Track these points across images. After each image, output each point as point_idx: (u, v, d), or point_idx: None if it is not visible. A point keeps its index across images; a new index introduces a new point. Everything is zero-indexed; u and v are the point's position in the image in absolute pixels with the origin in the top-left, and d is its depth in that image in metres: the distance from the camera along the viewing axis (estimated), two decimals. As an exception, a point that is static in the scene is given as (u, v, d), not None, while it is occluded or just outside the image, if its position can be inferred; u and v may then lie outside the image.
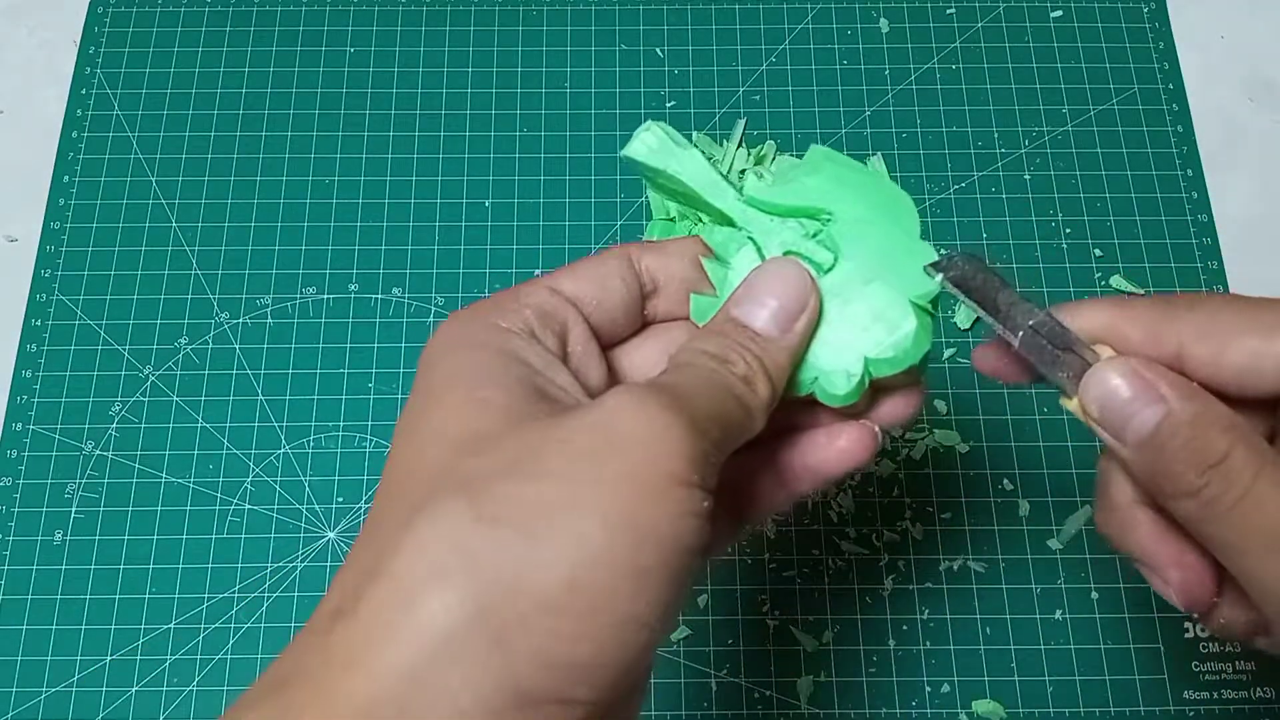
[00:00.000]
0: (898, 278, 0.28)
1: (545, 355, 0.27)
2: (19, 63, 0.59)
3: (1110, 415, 0.27)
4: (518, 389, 0.25)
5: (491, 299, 0.28)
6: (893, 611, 0.47)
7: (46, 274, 0.53)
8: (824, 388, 0.28)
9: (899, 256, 0.28)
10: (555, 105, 0.57)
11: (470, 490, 0.22)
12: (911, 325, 0.28)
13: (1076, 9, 0.59)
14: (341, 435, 0.50)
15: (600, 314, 0.29)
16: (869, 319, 0.28)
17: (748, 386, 0.26)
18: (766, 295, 0.28)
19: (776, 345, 0.27)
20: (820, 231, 0.29)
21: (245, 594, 0.47)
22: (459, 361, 0.26)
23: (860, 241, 0.29)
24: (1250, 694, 0.45)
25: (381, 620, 0.21)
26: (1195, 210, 0.54)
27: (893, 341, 0.28)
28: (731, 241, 0.30)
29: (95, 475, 0.49)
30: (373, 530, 0.24)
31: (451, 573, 0.21)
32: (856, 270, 0.29)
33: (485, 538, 0.22)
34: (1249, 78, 0.58)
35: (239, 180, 0.55)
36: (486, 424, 0.24)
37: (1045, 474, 0.49)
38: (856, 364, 0.28)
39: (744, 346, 0.27)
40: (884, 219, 0.29)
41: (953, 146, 0.55)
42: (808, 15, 0.59)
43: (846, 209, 0.29)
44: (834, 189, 0.29)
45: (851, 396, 0.28)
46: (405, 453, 0.25)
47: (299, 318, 0.52)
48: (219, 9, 0.59)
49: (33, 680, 0.45)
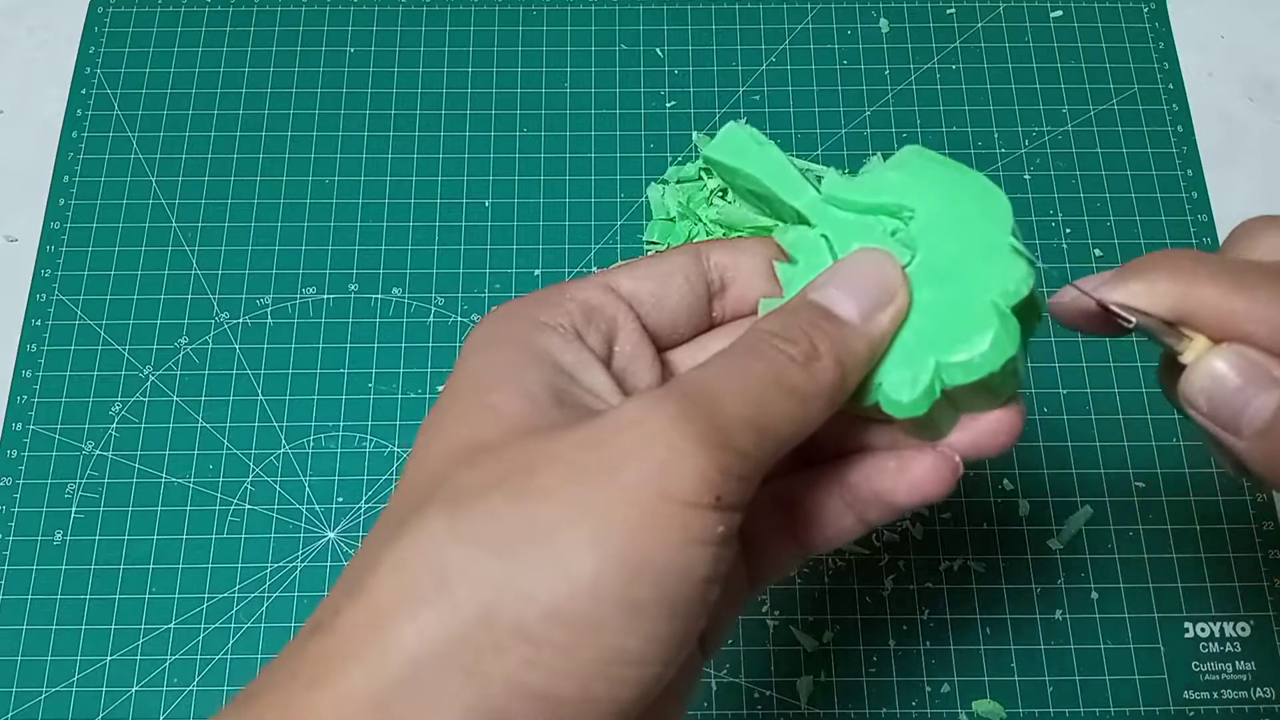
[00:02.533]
0: (982, 278, 0.25)
1: (581, 355, 0.25)
2: (19, 63, 0.59)
3: (1220, 407, 0.25)
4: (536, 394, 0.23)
5: (539, 292, 0.26)
6: (893, 611, 0.47)
7: (46, 274, 0.53)
8: (887, 394, 0.25)
9: (985, 256, 0.26)
10: (555, 105, 0.57)
11: (453, 506, 0.21)
12: (992, 329, 0.25)
13: (1076, 9, 0.59)
14: (341, 435, 0.50)
15: (659, 313, 0.27)
16: (945, 321, 0.25)
17: (803, 370, 0.23)
18: (850, 282, 0.25)
19: (855, 331, 0.24)
20: (899, 230, 0.27)
21: (245, 594, 0.47)
22: (484, 360, 0.24)
23: (944, 240, 0.26)
24: (1250, 694, 0.45)
25: (353, 640, 0.20)
26: (1195, 210, 0.54)
27: (969, 346, 0.25)
28: (804, 240, 0.28)
29: (95, 475, 0.49)
30: (367, 540, 0.23)
31: (426, 594, 0.20)
32: (936, 269, 0.26)
33: (463, 558, 0.20)
34: (1249, 78, 0.58)
35: (239, 180, 0.55)
36: (489, 433, 0.22)
37: (1045, 474, 0.49)
38: (926, 369, 0.25)
39: (814, 325, 0.24)
40: (973, 216, 0.26)
41: (953, 146, 0.55)
42: (808, 15, 0.59)
43: (931, 206, 0.27)
44: (919, 184, 0.27)
45: (919, 406, 0.25)
46: (415, 459, 0.24)
47: (299, 318, 0.52)
48: (219, 9, 0.59)
49: (33, 680, 0.45)
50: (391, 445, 0.49)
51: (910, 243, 0.26)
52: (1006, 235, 0.26)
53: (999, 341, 0.25)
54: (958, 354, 0.25)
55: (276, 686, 0.21)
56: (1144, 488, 0.48)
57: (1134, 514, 0.48)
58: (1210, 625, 0.46)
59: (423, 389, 0.50)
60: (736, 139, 0.29)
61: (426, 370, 0.51)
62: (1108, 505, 0.48)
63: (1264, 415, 0.24)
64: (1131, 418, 0.50)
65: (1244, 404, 0.24)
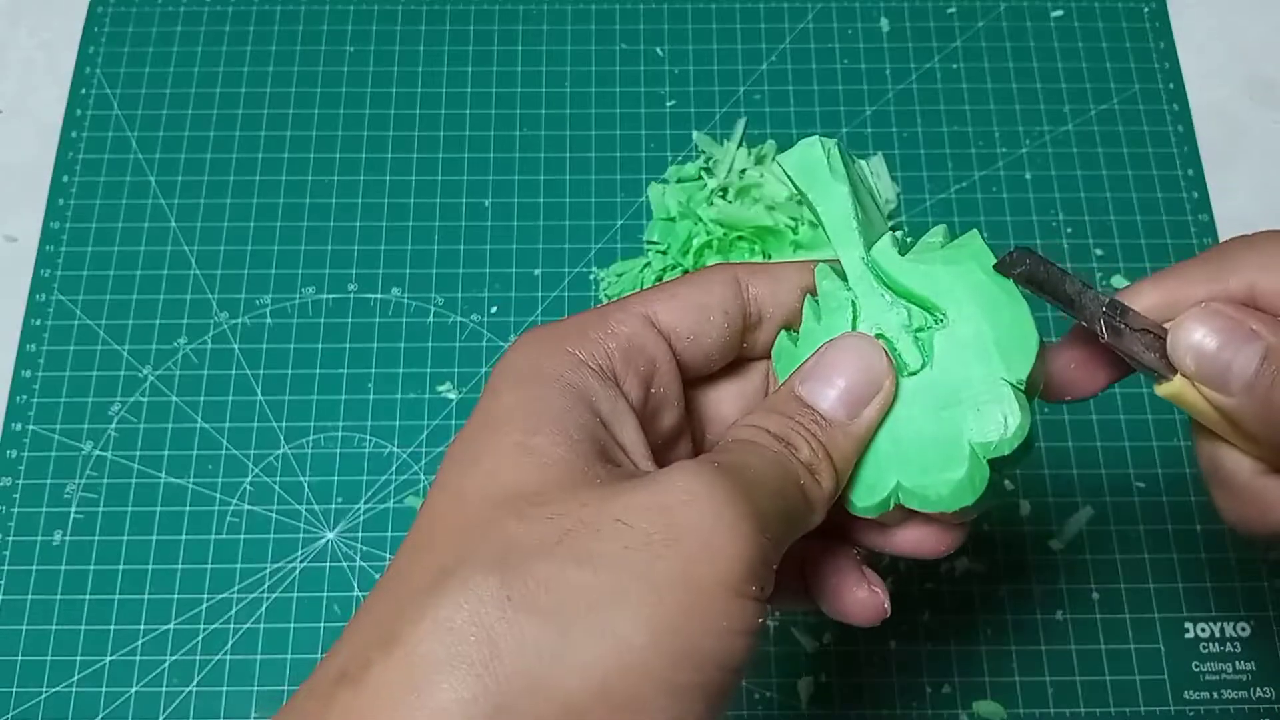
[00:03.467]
0: (974, 416, 0.25)
1: (617, 404, 0.24)
2: (19, 63, 0.59)
3: (1207, 366, 0.24)
4: (580, 442, 0.22)
5: (577, 319, 0.25)
6: (893, 611, 0.46)
7: (46, 274, 0.53)
8: (846, 494, 0.26)
9: (988, 395, 0.25)
10: (555, 105, 0.57)
11: (506, 566, 0.20)
12: (959, 474, 0.25)
13: (1077, 9, 0.59)
14: (341, 435, 0.50)
15: (694, 349, 0.26)
16: (921, 444, 0.25)
17: (811, 476, 0.24)
18: (836, 374, 0.25)
19: (843, 431, 0.25)
20: (924, 330, 0.26)
21: (244, 594, 0.47)
22: (523, 396, 0.23)
23: (958, 362, 0.26)
24: (1250, 694, 0.45)
25: (388, 700, 0.19)
26: (1195, 210, 0.54)
27: (930, 482, 0.25)
28: (833, 300, 0.27)
29: (95, 475, 0.49)
30: (396, 582, 0.22)
31: (472, 660, 0.19)
32: (938, 389, 0.26)
33: (514, 624, 0.20)
34: (1249, 78, 0.58)
35: (239, 180, 0.55)
36: (537, 481, 0.22)
37: (1045, 474, 0.49)
38: (886, 487, 0.25)
39: (808, 430, 0.24)
40: (996, 350, 0.25)
41: (953, 146, 0.55)
42: (808, 15, 0.59)
43: (964, 320, 0.26)
44: (964, 297, 0.26)
45: (870, 512, 0.26)
46: (447, 493, 0.23)
47: (298, 318, 0.52)
48: (219, 9, 0.59)
49: (33, 680, 0.45)
50: (391, 445, 0.49)
51: (925, 350, 0.26)
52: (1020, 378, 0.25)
53: (960, 487, 0.25)
54: (919, 482, 0.25)
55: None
56: (1144, 488, 0.48)
57: (1134, 514, 0.48)
58: (1210, 625, 0.46)
59: (422, 389, 0.50)
60: (811, 159, 0.27)
61: (426, 370, 0.51)
62: (1108, 505, 0.48)
63: (1250, 369, 0.24)
64: (1132, 418, 0.50)
65: (1229, 360, 0.24)
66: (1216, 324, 0.25)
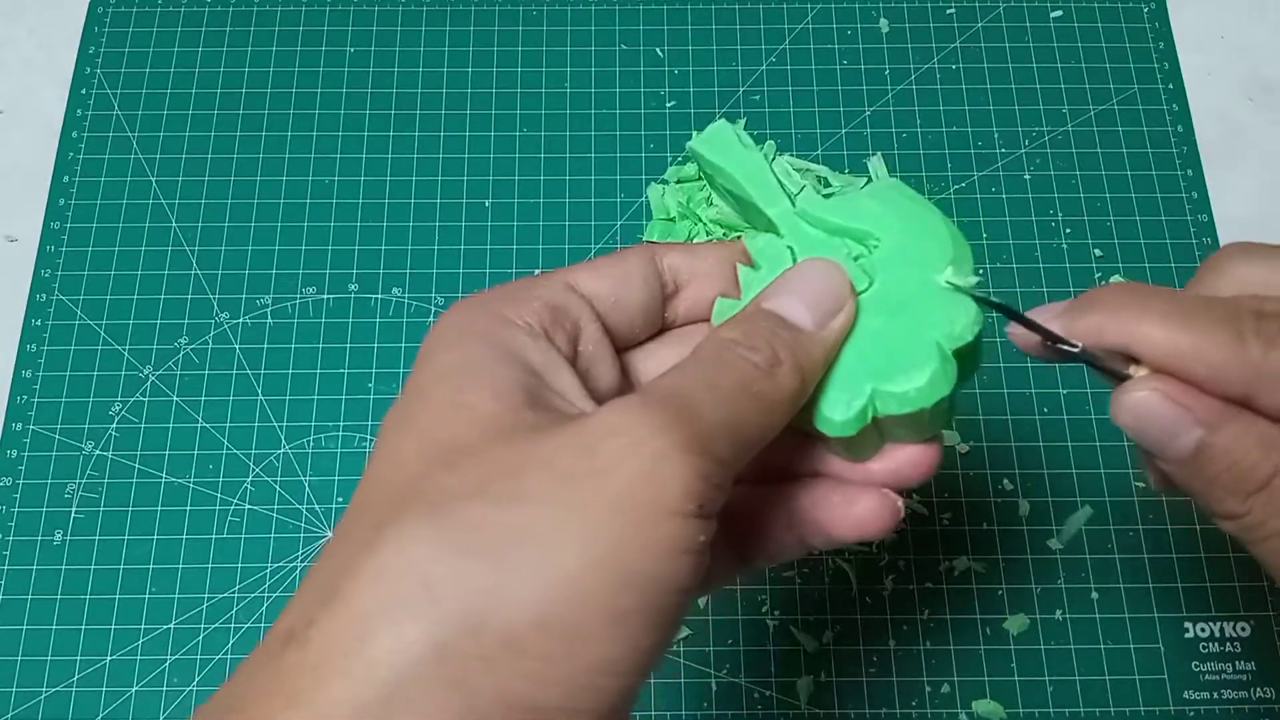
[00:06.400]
0: (931, 317, 0.26)
1: (549, 354, 0.25)
2: (19, 63, 0.59)
3: (1146, 438, 0.25)
4: (510, 393, 0.23)
5: (502, 287, 0.26)
6: (893, 611, 0.47)
7: (46, 274, 0.53)
8: (822, 411, 0.26)
9: (938, 296, 0.27)
10: (555, 105, 0.57)
11: (438, 512, 0.21)
12: (931, 366, 0.26)
13: (1076, 9, 0.59)
14: (341, 435, 0.50)
15: (617, 314, 0.27)
16: (888, 352, 0.26)
17: (768, 377, 0.24)
18: (802, 288, 0.26)
19: (811, 338, 0.25)
20: (862, 255, 0.28)
21: (245, 594, 0.47)
22: (453, 356, 0.24)
23: (902, 273, 0.27)
24: (1250, 694, 0.45)
25: (332, 652, 0.20)
26: (1195, 210, 0.54)
27: (906, 379, 0.26)
28: (771, 248, 0.29)
29: (95, 475, 0.49)
30: (338, 542, 0.22)
31: (411, 605, 0.20)
32: (889, 300, 0.27)
33: (450, 567, 0.20)
34: (1249, 78, 0.58)
35: (239, 180, 0.55)
36: (467, 433, 0.22)
37: (1045, 474, 0.49)
38: (862, 394, 0.26)
39: (772, 333, 0.25)
40: (934, 257, 0.27)
41: (953, 146, 0.55)
42: (808, 15, 0.59)
43: (897, 239, 0.27)
44: (890, 216, 0.28)
45: (849, 428, 0.26)
46: (384, 457, 0.23)
47: (299, 318, 0.52)
48: (219, 9, 0.59)
49: (33, 680, 0.45)
50: (391, 445, 0.49)
51: (870, 270, 0.27)
52: (963, 280, 0.27)
53: (936, 379, 0.26)
54: (894, 385, 0.26)
55: (251, 702, 0.20)
56: (1144, 488, 0.48)
57: (1134, 514, 0.48)
58: (1210, 625, 0.46)
59: (423, 389, 0.50)
60: (723, 136, 0.30)
61: (426, 370, 0.51)
62: (1108, 505, 0.48)
63: (1185, 451, 0.25)
64: (1131, 418, 0.50)
65: (1169, 439, 0.25)
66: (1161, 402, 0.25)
